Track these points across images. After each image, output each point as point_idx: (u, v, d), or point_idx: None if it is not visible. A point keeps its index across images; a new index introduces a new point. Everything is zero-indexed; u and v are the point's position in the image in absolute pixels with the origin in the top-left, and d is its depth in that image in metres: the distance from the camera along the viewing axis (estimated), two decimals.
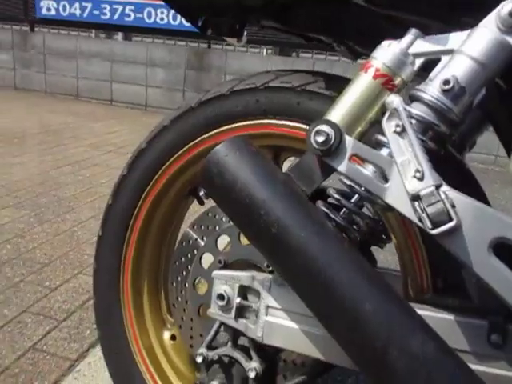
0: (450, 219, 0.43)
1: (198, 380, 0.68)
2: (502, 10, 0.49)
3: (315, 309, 0.49)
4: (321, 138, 0.48)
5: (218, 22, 0.86)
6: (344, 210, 0.54)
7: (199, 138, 0.77)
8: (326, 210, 0.55)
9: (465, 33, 0.52)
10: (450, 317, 0.52)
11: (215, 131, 0.76)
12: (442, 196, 0.43)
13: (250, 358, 0.65)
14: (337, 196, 0.54)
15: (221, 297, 0.64)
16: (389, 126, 0.48)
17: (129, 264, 0.84)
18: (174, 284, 0.78)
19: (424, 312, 0.51)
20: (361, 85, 0.54)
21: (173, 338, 0.85)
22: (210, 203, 0.70)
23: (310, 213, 0.50)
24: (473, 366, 0.49)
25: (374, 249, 0.69)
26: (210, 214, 0.76)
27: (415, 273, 0.62)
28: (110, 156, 2.84)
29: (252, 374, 0.64)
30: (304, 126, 0.68)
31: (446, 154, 0.58)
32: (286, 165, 0.79)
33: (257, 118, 0.72)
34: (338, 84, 0.68)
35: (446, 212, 0.43)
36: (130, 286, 0.84)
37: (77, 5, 4.36)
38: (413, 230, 0.60)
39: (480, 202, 0.45)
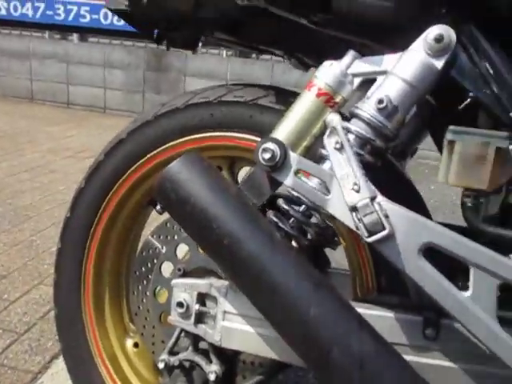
0: (383, 228, 0.47)
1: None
2: (429, 35, 0.54)
3: (266, 313, 0.52)
4: (267, 155, 0.52)
5: (173, 35, 0.88)
6: (293, 218, 0.58)
7: (156, 151, 0.79)
8: (275, 219, 0.59)
9: (397, 55, 0.57)
10: (391, 314, 0.57)
11: (171, 143, 0.78)
12: (376, 207, 0.48)
13: (210, 362, 0.68)
14: (286, 207, 0.58)
15: (180, 304, 0.67)
16: (329, 142, 0.53)
17: (89, 275, 0.85)
18: (135, 293, 0.80)
19: (366, 310, 0.56)
20: (305, 103, 0.58)
21: (135, 345, 0.87)
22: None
23: (260, 224, 0.54)
24: (410, 357, 0.54)
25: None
26: (168, 224, 0.78)
27: (361, 273, 0.67)
28: (69, 161, 2.79)
29: (212, 377, 0.67)
30: (256, 138, 0.72)
31: (386, 163, 0.63)
32: (242, 173, 0.83)
33: (211, 130, 0.75)
34: (287, 98, 0.72)
35: (380, 222, 0.47)
36: (91, 296, 0.85)
37: (29, 5, 4.22)
38: (357, 234, 0.65)
39: (411, 211, 0.50)
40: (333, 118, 0.53)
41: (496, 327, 0.48)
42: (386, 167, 0.62)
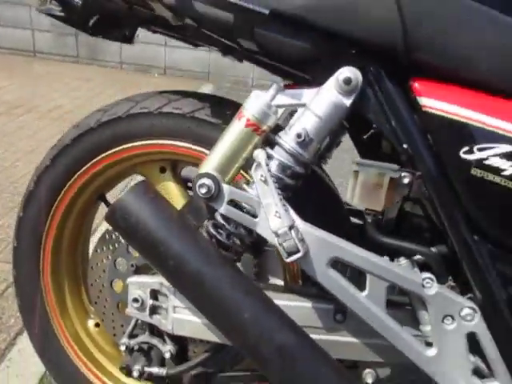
0: (298, 251, 0.59)
1: (123, 363, 0.82)
2: (339, 76, 0.63)
3: (207, 315, 0.65)
4: (204, 190, 0.61)
5: (109, 30, 0.90)
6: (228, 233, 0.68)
7: (102, 155, 0.85)
8: (213, 231, 0.69)
9: (315, 90, 0.65)
10: (309, 303, 0.71)
11: (117, 149, 0.84)
12: (293, 234, 0.59)
13: (165, 342, 0.81)
14: (222, 222, 0.68)
15: (135, 300, 0.77)
16: (255, 174, 0.62)
17: (48, 267, 0.92)
18: (93, 285, 0.90)
19: (289, 301, 0.70)
20: (235, 132, 0.66)
21: (97, 325, 0.98)
22: None
23: (200, 243, 0.64)
24: (323, 337, 0.69)
25: None
26: None
27: (290, 266, 0.80)
28: (3, 119, 2.66)
29: (167, 355, 0.80)
30: (194, 147, 0.80)
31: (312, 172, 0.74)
32: (184, 171, 0.91)
33: (154, 138, 0.82)
34: (224, 110, 0.80)
35: (296, 245, 0.59)
36: (51, 286, 0.93)
37: None
38: None
39: (321, 231, 0.62)
40: (258, 154, 0.62)
41: (384, 317, 0.63)
42: (312, 176, 0.73)
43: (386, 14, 0.60)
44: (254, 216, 0.63)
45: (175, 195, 0.86)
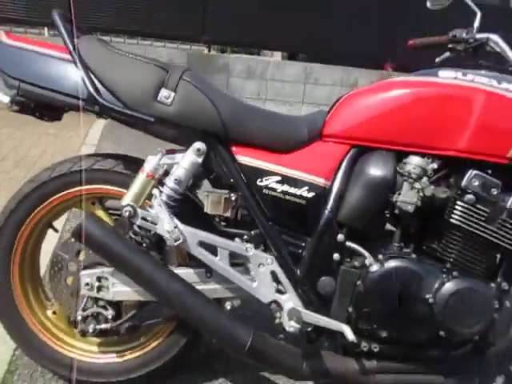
0: (179, 239, 1.16)
1: (79, 330, 1.30)
2: (194, 145, 1.21)
3: (138, 283, 1.19)
4: (127, 213, 1.15)
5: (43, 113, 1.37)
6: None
7: (52, 197, 1.33)
8: (134, 237, 1.22)
9: (182, 154, 1.23)
10: (191, 269, 1.28)
11: (63, 193, 1.33)
12: (176, 231, 1.16)
13: (107, 309, 1.31)
14: (137, 230, 1.22)
15: (87, 284, 1.27)
16: (154, 202, 1.18)
17: (16, 275, 1.36)
18: (52, 284, 1.36)
19: (179, 270, 1.26)
20: (140, 180, 1.21)
21: (54, 312, 1.43)
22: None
23: (134, 249, 1.18)
24: (200, 286, 1.26)
25: None
26: (69, 241, 1.34)
27: (179, 249, 1.36)
28: None
29: (110, 316, 1.30)
30: (114, 188, 1.32)
31: (187, 198, 1.30)
32: (109, 202, 1.42)
33: (88, 184, 1.32)
34: (133, 165, 1.33)
35: (179, 237, 1.16)
36: (19, 288, 1.37)
37: None
38: None
39: (192, 228, 1.20)
40: (154, 191, 1.18)
41: (231, 271, 1.22)
42: (187, 199, 1.30)
43: (215, 117, 1.20)
44: (156, 224, 1.19)
45: (103, 218, 1.38)
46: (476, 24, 1.55)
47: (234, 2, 5.17)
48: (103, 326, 1.30)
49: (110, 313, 1.31)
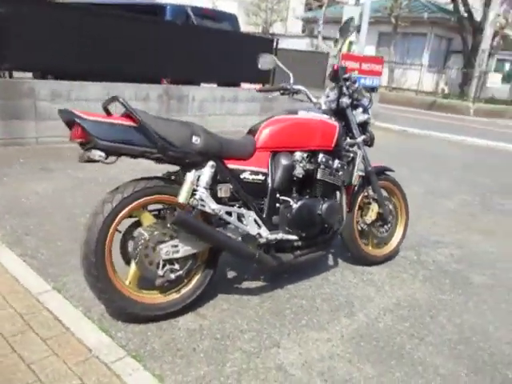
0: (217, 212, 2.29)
1: (159, 283, 2.24)
2: (209, 163, 2.32)
3: (208, 240, 2.27)
4: (194, 202, 2.20)
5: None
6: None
7: (135, 203, 2.18)
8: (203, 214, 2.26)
9: (203, 169, 2.32)
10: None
11: (139, 201, 2.20)
12: (217, 208, 2.28)
13: (173, 264, 2.28)
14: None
15: (167, 252, 2.22)
16: (199, 195, 2.26)
17: (109, 260, 2.16)
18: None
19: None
20: (186, 186, 2.25)
21: (129, 282, 2.27)
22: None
23: (202, 222, 2.23)
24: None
25: None
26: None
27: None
28: None
29: (178, 267, 2.29)
30: (168, 197, 2.28)
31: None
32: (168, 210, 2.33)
33: (150, 196, 2.23)
34: (173, 181, 2.31)
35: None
36: (111, 266, 2.17)
37: None
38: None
39: (219, 205, 2.33)
40: (198, 191, 2.26)
41: (237, 221, 2.42)
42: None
43: (217, 148, 2.34)
44: (204, 206, 2.27)
45: (148, 218, 2.30)
46: (291, 80, 3.11)
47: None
48: (173, 275, 2.28)
49: (176, 267, 2.29)
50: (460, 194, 5.73)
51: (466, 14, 19.69)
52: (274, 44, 8.44)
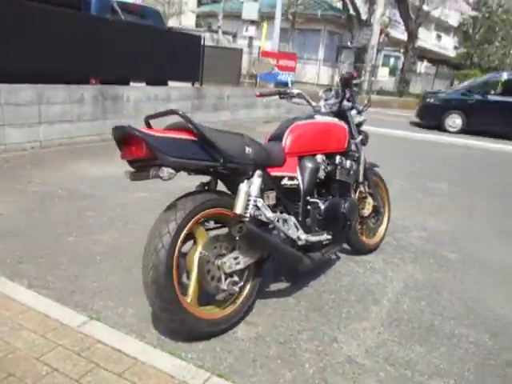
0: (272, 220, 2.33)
1: (222, 297, 2.21)
2: (257, 172, 2.34)
3: (267, 249, 2.29)
4: (253, 210, 2.21)
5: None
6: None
7: (195, 218, 2.12)
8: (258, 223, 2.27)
9: (252, 179, 2.33)
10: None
11: (197, 216, 2.14)
12: (272, 215, 2.32)
13: (233, 277, 2.28)
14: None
15: (229, 266, 2.21)
16: (256, 204, 2.28)
17: (175, 264, 2.08)
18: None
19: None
20: (241, 197, 2.25)
21: (191, 300, 2.20)
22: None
23: (263, 231, 2.24)
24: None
25: None
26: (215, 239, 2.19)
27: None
28: None
29: (237, 279, 2.29)
30: (223, 210, 2.25)
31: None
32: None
33: (207, 209, 2.18)
34: (230, 197, 2.28)
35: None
36: (176, 284, 2.10)
37: None
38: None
39: (271, 212, 2.37)
40: (253, 200, 2.28)
41: (281, 225, 2.48)
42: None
43: (263, 157, 2.37)
44: (260, 215, 2.29)
45: (202, 233, 2.25)
46: (289, 85, 3.22)
47: None
48: (236, 287, 2.27)
49: (235, 279, 2.28)
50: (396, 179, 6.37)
51: (354, 13, 21.40)
52: (202, 41, 8.37)
